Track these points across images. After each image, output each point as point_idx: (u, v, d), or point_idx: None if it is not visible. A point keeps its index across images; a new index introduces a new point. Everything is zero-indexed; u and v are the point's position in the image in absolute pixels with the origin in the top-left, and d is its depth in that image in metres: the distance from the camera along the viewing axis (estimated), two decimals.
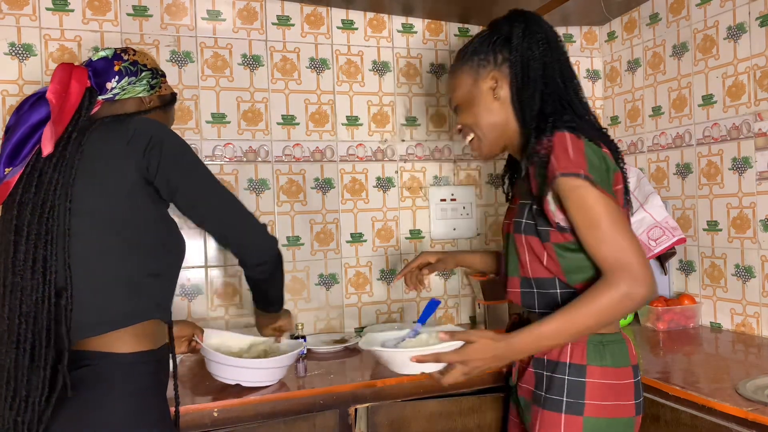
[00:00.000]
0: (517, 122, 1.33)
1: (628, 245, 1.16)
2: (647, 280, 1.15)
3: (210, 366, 1.54)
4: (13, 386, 1.10)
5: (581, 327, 1.17)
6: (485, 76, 1.34)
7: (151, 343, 1.21)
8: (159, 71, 1.42)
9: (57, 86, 1.22)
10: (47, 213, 1.14)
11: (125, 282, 1.19)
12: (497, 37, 1.34)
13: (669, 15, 2.16)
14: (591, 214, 1.16)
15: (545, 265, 1.26)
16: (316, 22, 2.18)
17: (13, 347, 1.12)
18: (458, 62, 1.41)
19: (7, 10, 1.85)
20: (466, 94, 1.37)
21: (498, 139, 1.36)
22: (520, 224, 1.29)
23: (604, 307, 1.15)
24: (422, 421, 1.60)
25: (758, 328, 1.86)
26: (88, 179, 1.18)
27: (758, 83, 1.84)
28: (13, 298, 1.13)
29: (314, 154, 2.16)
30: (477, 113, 1.35)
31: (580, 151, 1.18)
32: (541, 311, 1.28)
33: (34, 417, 1.09)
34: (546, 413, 1.23)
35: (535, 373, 1.29)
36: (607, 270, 1.16)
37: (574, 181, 1.16)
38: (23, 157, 1.19)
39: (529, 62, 1.29)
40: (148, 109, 1.36)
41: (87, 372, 1.14)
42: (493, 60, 1.34)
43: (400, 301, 2.26)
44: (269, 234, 1.37)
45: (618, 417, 1.22)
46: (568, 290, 1.25)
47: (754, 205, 1.87)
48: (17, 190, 1.18)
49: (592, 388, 1.21)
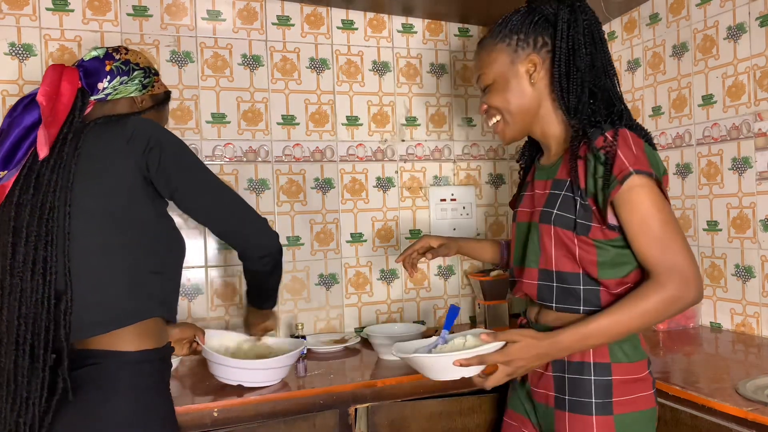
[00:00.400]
0: (556, 111, 1.28)
1: (680, 248, 1.13)
2: (697, 284, 1.13)
3: (212, 368, 1.54)
4: (14, 388, 1.10)
5: (628, 327, 1.15)
6: (524, 59, 1.27)
7: (155, 342, 1.21)
8: (152, 70, 1.41)
9: (47, 88, 1.21)
10: (47, 215, 1.14)
11: (127, 280, 1.19)
12: (539, 17, 1.27)
13: (669, 15, 2.16)
14: (649, 213, 1.14)
15: (577, 259, 1.21)
16: (316, 22, 2.18)
17: (12, 349, 1.12)
18: (493, 38, 1.31)
19: (7, 10, 1.85)
20: (499, 74, 1.29)
21: (526, 124, 1.31)
22: (550, 214, 1.23)
23: (652, 309, 1.12)
24: (422, 421, 1.60)
25: (758, 328, 1.86)
26: (87, 180, 1.18)
27: (758, 83, 1.84)
28: (12, 300, 1.13)
29: (314, 154, 2.16)
30: (509, 96, 1.28)
31: (642, 150, 1.16)
32: (558, 306, 1.24)
33: (35, 418, 1.09)
34: (575, 417, 1.20)
35: (555, 377, 1.25)
36: (658, 271, 1.13)
37: (642, 179, 1.13)
38: (18, 160, 1.19)
39: (576, 51, 1.23)
40: (140, 110, 1.36)
41: (93, 370, 1.14)
42: (533, 42, 1.26)
43: (400, 301, 2.26)
44: (270, 228, 1.39)
45: (644, 409, 1.21)
46: (592, 287, 1.22)
47: (754, 205, 1.87)
48: (14, 192, 1.18)
49: (619, 385, 1.20)
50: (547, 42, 1.26)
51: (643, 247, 1.15)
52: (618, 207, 1.15)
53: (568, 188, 1.21)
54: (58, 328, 1.13)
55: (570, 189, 1.21)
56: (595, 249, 1.19)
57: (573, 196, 1.20)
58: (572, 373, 1.22)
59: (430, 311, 2.29)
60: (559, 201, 1.22)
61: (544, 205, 1.26)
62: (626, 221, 1.15)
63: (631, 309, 1.13)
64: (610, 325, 1.14)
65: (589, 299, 1.21)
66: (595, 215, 1.19)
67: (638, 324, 1.14)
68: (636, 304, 1.13)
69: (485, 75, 1.32)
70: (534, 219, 1.28)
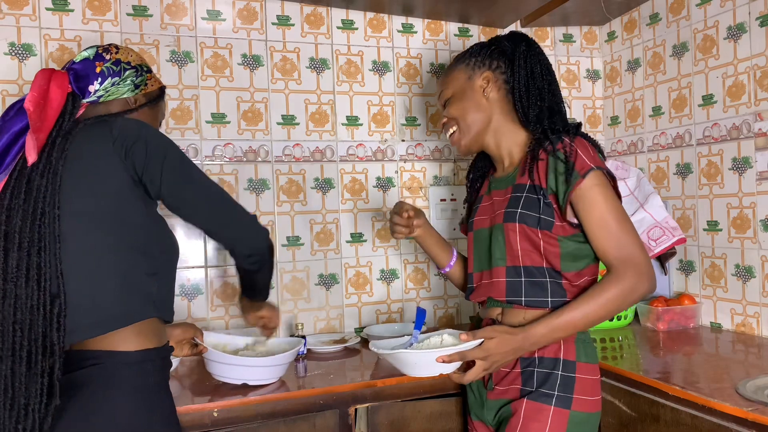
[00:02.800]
0: (507, 123, 1.41)
1: (634, 243, 1.25)
2: (650, 276, 1.25)
3: (213, 367, 1.54)
4: (11, 394, 1.10)
5: (593, 318, 1.25)
6: (479, 75, 1.43)
7: (155, 341, 1.21)
8: (144, 67, 1.38)
9: (34, 94, 1.20)
10: (38, 220, 1.14)
11: (120, 282, 1.18)
12: (496, 47, 1.44)
13: (669, 15, 2.16)
14: (607, 211, 1.26)
15: (542, 253, 1.31)
16: (316, 22, 2.18)
17: (9, 355, 1.11)
18: (456, 63, 1.50)
19: (7, 10, 1.85)
20: (458, 88, 1.45)
21: (480, 135, 1.44)
22: (514, 213, 1.33)
23: (612, 298, 1.24)
24: (422, 421, 1.60)
25: (758, 328, 1.86)
26: (75, 181, 1.18)
27: (758, 83, 1.84)
28: (7, 306, 1.12)
29: (314, 154, 2.16)
30: (465, 107, 1.43)
31: (596, 154, 1.31)
32: (527, 299, 1.32)
33: (35, 424, 1.09)
34: (534, 404, 1.28)
35: (522, 372, 1.32)
36: (616, 265, 1.25)
37: (600, 178, 1.26)
38: (6, 165, 1.19)
39: (533, 73, 1.39)
40: (134, 109, 1.35)
41: (93, 371, 1.14)
42: (488, 63, 1.43)
43: (400, 301, 2.26)
44: (259, 225, 1.37)
45: (594, 411, 1.32)
46: (556, 280, 1.32)
47: (754, 205, 1.87)
48: (5, 196, 1.17)
49: (580, 383, 1.29)
50: (501, 65, 1.42)
51: (601, 243, 1.27)
52: (577, 205, 1.27)
53: (530, 190, 1.32)
54: (53, 333, 1.12)
55: (531, 191, 1.32)
56: (558, 243, 1.30)
57: (535, 196, 1.31)
58: (542, 367, 1.31)
59: (431, 311, 2.29)
60: (522, 201, 1.33)
61: (506, 207, 1.36)
62: (585, 218, 1.27)
63: (595, 300, 1.25)
64: (577, 317, 1.25)
65: (555, 290, 1.32)
66: (557, 212, 1.30)
67: (602, 314, 1.25)
68: (598, 295, 1.24)
69: (445, 91, 1.49)
70: (497, 221, 1.38)
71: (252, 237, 1.35)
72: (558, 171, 1.28)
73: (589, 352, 1.34)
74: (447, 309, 2.31)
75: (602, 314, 1.25)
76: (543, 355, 1.31)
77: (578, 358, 1.31)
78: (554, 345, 1.31)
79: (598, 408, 1.33)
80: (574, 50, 2.51)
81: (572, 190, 1.25)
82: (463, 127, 1.45)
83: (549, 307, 1.31)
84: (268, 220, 2.10)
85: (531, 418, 1.27)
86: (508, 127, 1.42)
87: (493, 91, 1.41)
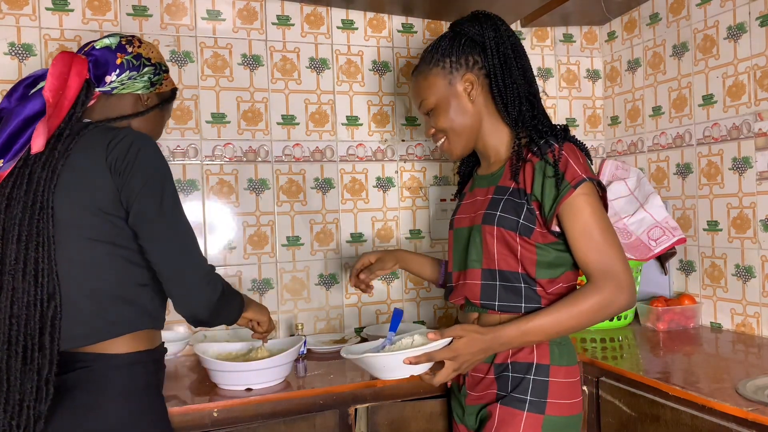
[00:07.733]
0: (495, 124, 1.37)
1: (617, 255, 1.22)
2: (630, 290, 1.21)
3: (217, 377, 1.53)
4: (6, 389, 1.08)
5: (566, 327, 1.22)
6: (460, 79, 1.36)
7: (147, 344, 1.20)
8: (163, 66, 1.37)
9: (55, 82, 1.18)
10: (37, 214, 1.12)
11: (113, 293, 1.17)
12: (465, 38, 1.36)
13: (669, 15, 2.16)
14: (591, 221, 1.22)
15: (518, 258, 1.28)
16: (316, 22, 2.18)
17: (4, 348, 1.10)
18: (427, 64, 1.40)
19: (7, 10, 1.85)
20: (440, 97, 1.38)
21: (471, 140, 1.40)
22: (493, 216, 1.30)
23: (587, 310, 1.20)
24: (422, 421, 1.60)
25: (758, 328, 1.86)
26: (66, 191, 1.15)
27: (758, 83, 1.84)
28: (4, 298, 1.11)
29: (314, 154, 2.16)
30: (453, 116, 1.37)
31: (586, 162, 1.27)
32: (500, 304, 1.30)
33: (29, 421, 1.08)
34: (507, 410, 1.26)
35: (498, 378, 1.30)
36: (596, 276, 1.22)
37: (590, 188, 1.23)
38: (15, 152, 1.16)
39: (507, 64, 1.33)
40: (144, 110, 1.32)
41: (84, 373, 1.13)
42: (465, 62, 1.35)
43: (400, 301, 2.26)
44: (206, 289, 1.20)
45: (572, 414, 1.29)
46: (531, 286, 1.29)
47: (754, 205, 1.87)
48: (7, 184, 1.16)
49: (554, 387, 1.27)
50: (478, 60, 1.35)
51: (583, 253, 1.23)
52: (562, 213, 1.23)
53: (512, 193, 1.29)
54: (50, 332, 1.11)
55: (514, 194, 1.29)
56: (535, 250, 1.27)
57: (517, 200, 1.28)
58: (515, 372, 1.28)
59: (430, 311, 2.29)
60: (502, 204, 1.30)
61: (486, 208, 1.33)
62: (569, 227, 1.24)
63: (569, 309, 1.21)
64: (548, 323, 1.22)
65: (530, 296, 1.29)
66: (539, 219, 1.27)
67: (575, 323, 1.22)
68: (574, 304, 1.21)
69: (427, 100, 1.40)
70: (476, 222, 1.35)
71: (192, 302, 1.20)
72: (546, 179, 1.24)
73: (565, 353, 1.31)
74: (447, 309, 2.31)
75: (575, 324, 1.21)
76: (516, 360, 1.29)
77: (552, 362, 1.28)
78: (527, 349, 1.28)
79: (578, 410, 1.30)
80: (574, 50, 2.50)
81: (561, 201, 1.22)
82: (453, 137, 1.39)
83: (522, 312, 1.29)
84: (268, 220, 2.10)
85: (505, 422, 1.26)
86: (496, 126, 1.38)
87: (478, 94, 1.36)
